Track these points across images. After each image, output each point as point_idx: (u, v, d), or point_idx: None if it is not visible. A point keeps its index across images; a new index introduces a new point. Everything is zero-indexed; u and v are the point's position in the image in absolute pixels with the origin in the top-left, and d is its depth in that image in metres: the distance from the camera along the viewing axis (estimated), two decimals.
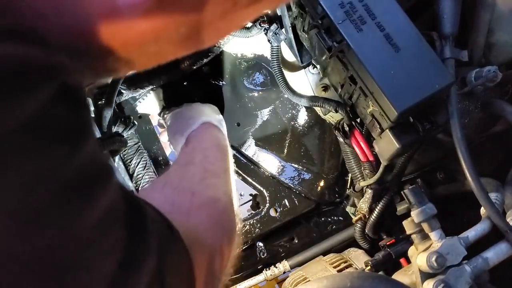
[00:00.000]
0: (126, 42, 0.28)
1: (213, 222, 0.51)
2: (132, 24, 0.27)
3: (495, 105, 0.72)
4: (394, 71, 0.61)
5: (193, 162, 0.63)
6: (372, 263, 0.85)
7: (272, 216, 1.10)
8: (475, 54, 0.74)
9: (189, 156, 0.66)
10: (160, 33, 0.28)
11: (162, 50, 0.31)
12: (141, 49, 0.29)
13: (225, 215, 0.55)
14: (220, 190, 0.59)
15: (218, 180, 0.61)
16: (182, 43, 0.30)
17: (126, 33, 0.27)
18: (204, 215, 0.51)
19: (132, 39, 0.28)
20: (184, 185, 0.57)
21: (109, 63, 0.30)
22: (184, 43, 0.31)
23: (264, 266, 1.09)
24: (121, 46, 0.28)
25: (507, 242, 0.68)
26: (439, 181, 0.92)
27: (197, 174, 0.60)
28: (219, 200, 0.56)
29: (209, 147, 0.68)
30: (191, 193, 0.54)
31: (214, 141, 0.71)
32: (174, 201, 0.52)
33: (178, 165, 0.64)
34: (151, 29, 0.28)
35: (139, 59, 0.31)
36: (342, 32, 0.63)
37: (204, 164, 0.63)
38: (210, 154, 0.66)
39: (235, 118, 1.10)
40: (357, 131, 0.78)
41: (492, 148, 0.88)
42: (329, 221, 1.13)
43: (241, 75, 1.07)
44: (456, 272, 0.66)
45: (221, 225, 0.53)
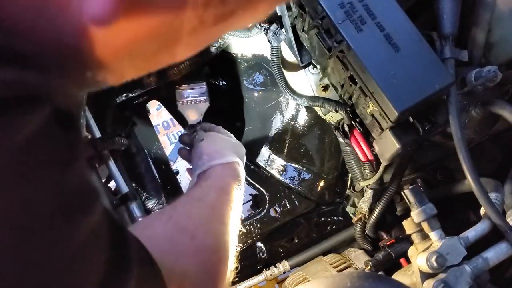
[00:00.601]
0: (101, 57, 0.28)
1: (204, 272, 0.52)
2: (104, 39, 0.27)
3: (495, 105, 0.72)
4: (394, 71, 0.61)
5: (205, 200, 0.63)
6: (372, 263, 0.85)
7: (272, 216, 1.10)
8: (475, 54, 0.74)
9: (203, 193, 0.65)
10: (132, 48, 0.29)
11: (137, 65, 0.32)
12: (116, 63, 0.30)
13: (218, 267, 0.55)
14: (221, 239, 0.59)
15: (222, 226, 0.61)
16: (154, 57, 0.31)
17: (100, 48, 0.28)
18: (197, 262, 0.51)
19: (106, 54, 0.28)
20: (187, 224, 0.56)
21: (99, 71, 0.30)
22: (156, 57, 0.31)
23: (264, 266, 1.09)
24: (109, 54, 0.29)
25: (507, 242, 0.68)
26: (439, 181, 0.92)
27: (204, 214, 0.60)
28: (217, 250, 0.56)
29: (225, 189, 0.67)
30: (191, 236, 0.53)
31: (233, 185, 0.70)
32: (172, 240, 0.52)
33: (190, 198, 0.64)
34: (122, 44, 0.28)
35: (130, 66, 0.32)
36: (342, 32, 0.63)
37: (215, 206, 0.63)
38: (224, 197, 0.65)
39: (235, 118, 1.10)
40: (357, 131, 0.78)
41: (492, 148, 0.88)
42: (329, 221, 1.13)
43: (241, 75, 1.07)
44: (456, 272, 0.66)
45: (211, 277, 0.53)
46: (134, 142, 1.09)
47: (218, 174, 0.69)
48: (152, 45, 0.29)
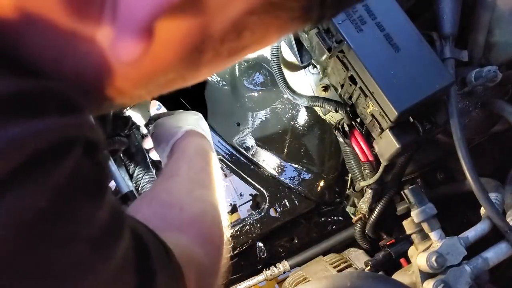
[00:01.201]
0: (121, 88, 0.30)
1: (203, 239, 0.52)
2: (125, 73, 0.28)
3: (495, 105, 0.72)
4: (394, 71, 0.61)
5: (178, 173, 0.63)
6: (372, 263, 0.85)
7: (272, 216, 1.10)
8: (475, 54, 0.74)
9: (174, 168, 0.66)
10: (150, 79, 0.30)
11: (152, 90, 0.33)
12: (134, 92, 0.31)
13: (214, 229, 0.56)
14: (208, 202, 0.60)
15: (205, 191, 0.62)
16: (168, 84, 0.33)
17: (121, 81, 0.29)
18: (195, 233, 0.52)
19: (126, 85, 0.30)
20: (172, 199, 0.57)
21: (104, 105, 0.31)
22: (170, 85, 0.33)
23: (264, 266, 1.09)
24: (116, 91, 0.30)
25: (507, 242, 0.68)
26: (439, 181, 0.92)
27: (183, 186, 0.61)
28: (207, 213, 0.57)
29: (193, 156, 0.68)
30: (179, 208, 0.54)
31: (198, 149, 0.71)
32: (163, 217, 0.53)
33: (163, 178, 0.64)
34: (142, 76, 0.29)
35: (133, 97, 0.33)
36: (342, 32, 0.63)
37: (190, 175, 0.63)
38: (195, 164, 0.66)
39: (235, 118, 1.10)
40: (357, 131, 0.78)
41: (492, 148, 0.88)
42: (329, 221, 1.13)
43: (241, 75, 1.07)
44: (456, 272, 0.66)
45: (211, 241, 0.54)
46: (134, 142, 1.09)
47: (179, 148, 0.71)
48: (169, 76, 0.31)
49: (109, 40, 0.26)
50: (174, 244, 0.38)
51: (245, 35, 0.30)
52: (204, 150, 0.71)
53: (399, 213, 0.90)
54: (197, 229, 0.53)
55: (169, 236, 0.38)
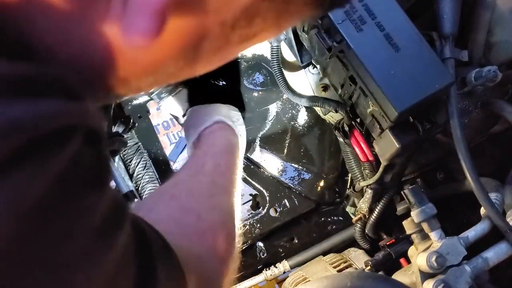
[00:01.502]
0: (128, 75, 0.29)
1: (215, 252, 0.52)
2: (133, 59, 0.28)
3: (495, 105, 0.72)
4: (394, 71, 0.61)
5: (202, 171, 0.62)
6: (372, 263, 0.85)
7: (272, 216, 1.10)
8: (475, 54, 0.74)
9: (200, 163, 0.64)
10: (159, 66, 0.30)
11: (159, 80, 0.33)
12: (141, 80, 0.31)
13: (227, 243, 0.55)
14: (226, 211, 0.59)
15: (225, 197, 0.61)
16: (176, 73, 0.32)
17: (129, 67, 0.29)
18: (208, 244, 0.51)
19: (133, 72, 0.29)
20: (191, 203, 0.56)
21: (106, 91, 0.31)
22: (179, 73, 0.32)
23: (264, 266, 1.09)
24: (123, 79, 0.30)
25: (507, 242, 0.68)
26: (439, 181, 0.92)
27: (205, 188, 0.59)
28: (224, 226, 0.56)
29: (221, 153, 0.66)
30: (197, 216, 0.53)
31: (227, 145, 0.69)
32: (179, 221, 0.52)
33: (187, 172, 0.63)
34: (152, 64, 0.29)
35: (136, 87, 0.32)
36: (342, 32, 0.62)
37: (214, 176, 0.62)
38: (221, 162, 0.65)
39: None
40: (357, 131, 0.78)
41: (492, 148, 0.88)
42: (329, 221, 1.13)
43: (241, 75, 1.07)
44: (456, 272, 0.66)
45: (222, 256, 0.53)
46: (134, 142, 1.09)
47: (209, 140, 0.69)
48: (178, 63, 0.30)
49: (120, 24, 0.26)
50: (184, 251, 0.38)
51: (257, 21, 0.30)
52: (232, 148, 0.69)
53: (399, 213, 0.90)
54: (209, 243, 0.52)
55: (181, 244, 0.38)
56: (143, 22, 0.25)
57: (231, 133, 0.72)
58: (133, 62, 0.28)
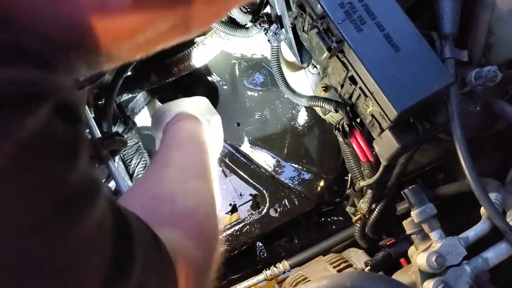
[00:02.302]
0: (116, 35, 0.29)
1: (196, 233, 0.51)
2: (121, 18, 0.28)
3: (495, 105, 0.72)
4: (394, 71, 0.61)
5: (169, 163, 0.61)
6: (372, 263, 0.85)
7: (272, 216, 1.10)
8: (475, 54, 0.74)
9: (165, 156, 0.63)
10: (148, 24, 0.29)
11: (151, 41, 0.32)
12: (130, 40, 0.30)
13: (207, 223, 0.54)
14: (201, 194, 0.58)
15: (199, 181, 0.60)
16: (169, 33, 0.31)
17: (116, 26, 0.28)
18: (187, 226, 0.50)
19: (121, 32, 0.29)
20: (163, 191, 0.55)
21: (100, 55, 0.30)
22: (172, 33, 0.32)
23: (264, 266, 1.09)
24: (111, 39, 0.29)
25: (507, 242, 0.68)
26: (439, 181, 0.92)
27: (175, 177, 0.58)
28: (201, 206, 0.55)
29: (185, 143, 0.66)
30: (171, 201, 0.52)
31: (191, 134, 0.68)
32: (155, 210, 0.51)
33: (154, 168, 0.62)
34: (139, 21, 0.29)
35: (127, 50, 0.32)
36: (342, 32, 0.62)
37: (182, 164, 0.61)
38: (187, 151, 0.64)
39: (235, 118, 1.10)
40: (357, 131, 0.78)
41: (492, 148, 0.88)
42: (329, 221, 1.13)
43: (241, 75, 1.07)
44: (456, 272, 0.66)
45: (204, 235, 0.52)
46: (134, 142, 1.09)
47: (170, 133, 0.69)
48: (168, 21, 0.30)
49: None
50: (165, 238, 0.37)
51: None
52: (196, 135, 0.68)
53: (399, 213, 0.90)
54: (189, 223, 0.51)
55: (161, 231, 0.37)
56: None
57: (193, 121, 0.71)
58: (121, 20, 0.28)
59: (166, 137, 0.68)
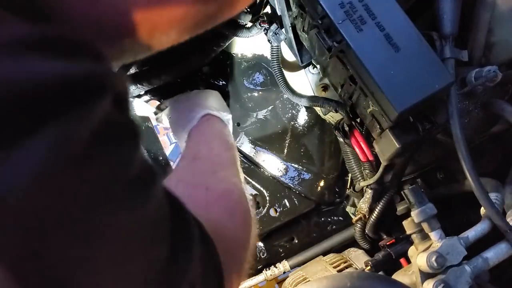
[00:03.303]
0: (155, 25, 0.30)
1: (231, 214, 0.53)
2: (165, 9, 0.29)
3: (495, 105, 0.72)
4: (394, 71, 0.61)
5: (199, 156, 0.63)
6: (372, 263, 0.85)
7: (272, 216, 1.10)
8: (475, 54, 0.74)
9: (195, 150, 0.65)
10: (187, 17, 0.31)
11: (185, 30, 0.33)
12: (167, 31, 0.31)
13: (241, 205, 0.56)
14: (231, 182, 0.60)
15: (228, 172, 0.62)
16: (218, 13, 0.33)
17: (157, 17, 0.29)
18: (222, 209, 0.52)
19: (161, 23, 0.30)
20: (197, 180, 0.57)
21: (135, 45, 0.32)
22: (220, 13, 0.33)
23: (264, 266, 1.09)
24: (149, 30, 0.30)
25: (507, 242, 0.68)
26: (439, 181, 0.92)
27: (206, 168, 0.61)
28: (233, 191, 0.57)
29: (212, 140, 0.68)
30: (205, 188, 0.54)
31: (217, 133, 0.70)
32: (190, 197, 0.53)
33: (185, 161, 0.64)
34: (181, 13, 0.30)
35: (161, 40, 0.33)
36: (342, 32, 0.62)
37: (211, 157, 0.64)
38: (215, 147, 0.66)
39: (235, 118, 1.10)
40: (357, 131, 0.78)
41: (492, 148, 0.88)
42: (329, 221, 1.13)
43: (241, 75, 1.07)
44: (456, 272, 0.66)
45: (239, 216, 0.54)
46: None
47: (198, 131, 0.70)
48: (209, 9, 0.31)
49: None
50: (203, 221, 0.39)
51: None
52: (222, 134, 0.70)
53: (399, 213, 0.90)
54: (224, 205, 0.53)
55: (197, 214, 0.39)
56: None
57: (219, 122, 0.73)
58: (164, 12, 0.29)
59: (194, 134, 0.70)
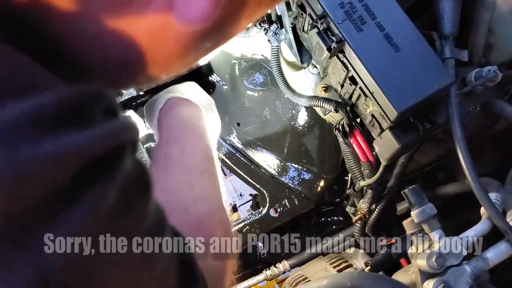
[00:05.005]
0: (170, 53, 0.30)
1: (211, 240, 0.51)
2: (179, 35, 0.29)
3: (495, 105, 0.72)
4: (394, 71, 0.61)
5: (171, 162, 0.60)
6: (372, 263, 0.85)
7: (272, 216, 1.10)
8: (475, 54, 0.74)
9: (166, 155, 0.62)
10: (200, 41, 0.31)
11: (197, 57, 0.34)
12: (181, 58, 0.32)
13: (220, 229, 0.54)
14: (210, 197, 0.58)
15: (205, 181, 0.59)
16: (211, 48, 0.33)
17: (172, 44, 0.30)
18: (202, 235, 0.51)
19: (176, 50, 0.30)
20: (173, 199, 0.55)
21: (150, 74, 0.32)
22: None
23: (264, 266, 1.09)
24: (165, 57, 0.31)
25: (507, 242, 0.68)
26: (439, 181, 0.92)
27: (182, 180, 0.58)
28: (212, 212, 0.55)
29: (183, 133, 0.65)
30: (184, 210, 0.53)
31: (187, 121, 0.67)
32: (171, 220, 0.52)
33: (158, 170, 0.60)
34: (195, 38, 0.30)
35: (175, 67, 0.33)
36: (342, 32, 0.62)
37: (185, 162, 0.60)
38: (187, 144, 0.63)
39: (235, 118, 1.10)
40: (357, 131, 0.78)
41: (492, 148, 0.88)
42: (329, 221, 1.13)
43: (241, 75, 1.06)
44: (456, 272, 0.66)
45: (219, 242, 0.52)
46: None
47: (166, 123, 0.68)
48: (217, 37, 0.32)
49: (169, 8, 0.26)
50: None
51: None
52: (192, 121, 0.67)
53: (399, 213, 0.90)
54: (204, 231, 0.52)
55: None
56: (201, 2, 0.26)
57: (187, 105, 0.70)
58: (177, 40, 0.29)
59: (163, 129, 0.68)
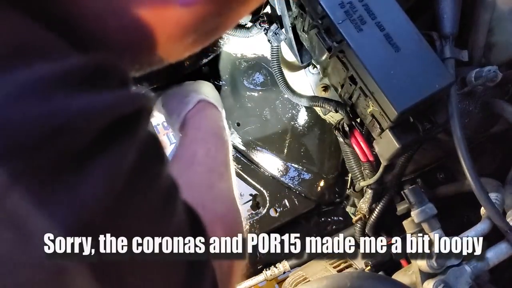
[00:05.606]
0: (170, 35, 0.31)
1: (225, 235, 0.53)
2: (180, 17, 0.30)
3: (495, 105, 0.72)
4: (394, 71, 0.61)
5: (196, 161, 0.62)
6: (372, 263, 0.85)
7: (272, 216, 1.10)
8: (475, 54, 0.74)
9: (191, 152, 0.64)
10: (200, 24, 0.32)
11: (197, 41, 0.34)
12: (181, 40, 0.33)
13: (235, 229, 0.56)
14: (227, 198, 0.59)
15: (224, 184, 0.61)
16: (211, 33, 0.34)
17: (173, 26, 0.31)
18: (217, 233, 0.52)
19: (176, 31, 0.31)
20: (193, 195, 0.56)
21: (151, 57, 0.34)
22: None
23: (264, 266, 1.09)
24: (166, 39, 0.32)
25: (507, 242, 0.68)
26: (439, 181, 0.92)
27: (203, 179, 0.60)
28: (228, 212, 0.57)
29: (208, 136, 0.67)
30: (202, 207, 0.53)
31: (213, 125, 0.69)
32: None
33: (181, 166, 0.63)
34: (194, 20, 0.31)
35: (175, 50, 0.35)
36: (342, 32, 0.62)
37: (208, 163, 0.62)
38: (211, 146, 0.65)
39: (235, 118, 1.10)
40: (357, 131, 0.78)
41: (492, 148, 0.88)
42: (329, 221, 1.13)
43: (241, 75, 1.06)
44: (456, 272, 0.66)
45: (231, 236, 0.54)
46: None
47: (193, 124, 0.70)
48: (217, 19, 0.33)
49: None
50: None
51: None
52: (218, 128, 0.69)
53: (399, 213, 0.90)
54: (219, 230, 0.53)
55: None
56: None
57: (214, 111, 0.72)
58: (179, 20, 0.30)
59: (189, 128, 0.69)
